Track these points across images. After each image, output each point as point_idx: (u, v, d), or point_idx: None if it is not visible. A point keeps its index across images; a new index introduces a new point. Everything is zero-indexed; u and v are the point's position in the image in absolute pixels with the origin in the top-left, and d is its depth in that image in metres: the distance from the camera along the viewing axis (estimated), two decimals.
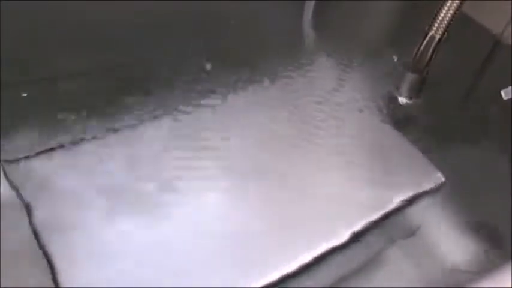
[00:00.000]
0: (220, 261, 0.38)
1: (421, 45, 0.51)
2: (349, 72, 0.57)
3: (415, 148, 0.49)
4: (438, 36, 0.50)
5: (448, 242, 0.43)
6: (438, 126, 0.53)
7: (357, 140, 0.50)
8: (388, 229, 0.43)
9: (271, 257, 0.39)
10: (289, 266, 0.38)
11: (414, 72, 0.54)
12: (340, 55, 0.59)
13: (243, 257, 0.38)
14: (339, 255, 0.40)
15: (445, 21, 0.49)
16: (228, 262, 0.38)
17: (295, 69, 0.56)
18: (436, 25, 0.49)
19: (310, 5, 0.64)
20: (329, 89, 0.55)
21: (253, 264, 0.38)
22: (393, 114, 0.54)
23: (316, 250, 0.39)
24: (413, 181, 0.46)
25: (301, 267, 0.38)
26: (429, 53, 0.51)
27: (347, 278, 0.39)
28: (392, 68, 0.57)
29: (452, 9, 0.48)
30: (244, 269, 0.38)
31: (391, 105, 0.55)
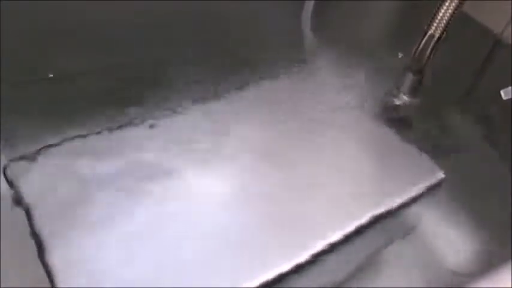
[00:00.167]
0: (219, 261, 0.38)
1: (420, 44, 0.51)
2: (349, 72, 0.57)
3: (414, 146, 0.49)
4: (437, 34, 0.50)
5: (448, 242, 0.43)
6: (438, 125, 0.53)
7: (356, 139, 0.50)
8: (389, 226, 0.43)
9: (269, 255, 0.38)
10: (286, 264, 0.38)
11: (413, 71, 0.54)
12: (339, 55, 0.59)
13: (242, 257, 0.38)
14: (338, 253, 0.40)
15: (444, 20, 0.49)
16: (228, 262, 0.38)
17: (295, 69, 0.56)
18: (435, 24, 0.49)
19: (309, 5, 0.64)
20: (329, 89, 0.55)
21: (252, 263, 0.38)
22: (393, 113, 0.54)
23: (315, 248, 0.39)
24: (414, 178, 0.46)
25: (299, 266, 0.38)
26: (428, 51, 0.51)
27: (346, 277, 0.39)
28: (392, 67, 0.57)
29: (452, 8, 0.48)
30: (242, 268, 0.38)
31: (390, 104, 0.55)
